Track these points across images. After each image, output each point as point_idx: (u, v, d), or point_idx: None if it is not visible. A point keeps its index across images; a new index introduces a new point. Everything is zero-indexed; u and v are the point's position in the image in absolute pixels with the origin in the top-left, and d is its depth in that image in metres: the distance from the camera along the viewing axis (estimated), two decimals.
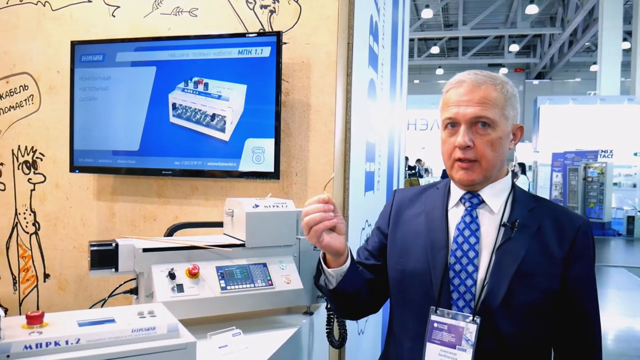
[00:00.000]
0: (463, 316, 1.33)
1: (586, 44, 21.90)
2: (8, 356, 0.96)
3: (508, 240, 1.34)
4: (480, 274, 1.34)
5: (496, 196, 1.41)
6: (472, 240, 1.37)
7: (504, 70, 28.14)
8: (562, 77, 28.43)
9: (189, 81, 2.27)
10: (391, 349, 1.51)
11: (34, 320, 1.04)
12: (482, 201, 1.40)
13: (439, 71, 27.01)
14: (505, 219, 1.37)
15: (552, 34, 22.69)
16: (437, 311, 1.36)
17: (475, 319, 1.31)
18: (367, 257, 1.58)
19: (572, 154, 14.41)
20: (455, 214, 1.43)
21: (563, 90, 26.86)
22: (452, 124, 1.37)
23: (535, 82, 28.53)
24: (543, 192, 15.79)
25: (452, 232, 1.40)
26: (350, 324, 2.54)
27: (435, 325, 1.35)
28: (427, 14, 19.31)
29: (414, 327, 1.41)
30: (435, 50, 24.80)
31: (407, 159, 14.85)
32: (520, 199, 1.41)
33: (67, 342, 1.01)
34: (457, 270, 1.36)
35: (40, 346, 0.99)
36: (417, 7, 20.18)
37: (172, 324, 1.11)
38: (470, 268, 1.35)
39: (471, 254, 1.36)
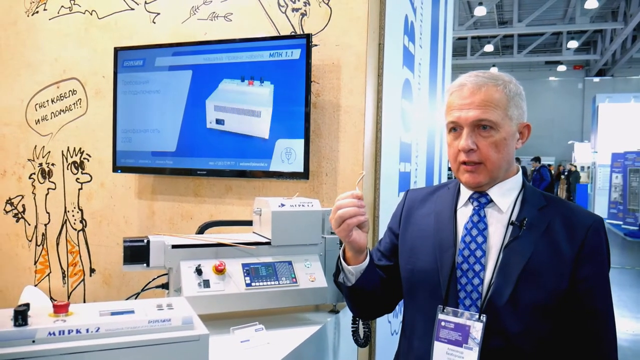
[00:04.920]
0: (470, 315, 1.33)
1: None
2: (33, 341, 1.03)
3: (515, 239, 1.33)
4: (488, 273, 1.34)
5: (505, 195, 1.40)
6: (480, 239, 1.36)
7: (562, 68, 27.17)
8: (624, 73, 27.14)
9: (220, 85, 2.34)
10: (402, 348, 1.52)
11: (60, 309, 1.12)
12: (491, 200, 1.40)
13: (494, 70, 26.30)
14: (513, 218, 1.36)
15: (614, 29, 21.65)
16: (444, 310, 1.36)
17: (481, 317, 1.31)
18: (380, 258, 1.59)
19: (634, 154, 13.73)
20: (464, 214, 1.43)
21: (626, 87, 25.64)
22: (455, 128, 1.38)
23: (596, 79, 27.37)
24: (602, 194, 15.16)
25: (461, 231, 1.40)
26: (383, 325, 2.55)
27: (443, 324, 1.36)
28: (480, 11, 18.86)
29: (422, 325, 1.42)
30: (489, 48, 24.21)
31: None
32: (530, 198, 1.40)
33: (87, 330, 1.08)
34: (464, 269, 1.36)
35: (63, 333, 1.06)
36: (470, 5, 19.76)
37: (187, 317, 1.17)
38: (477, 267, 1.34)
39: (478, 253, 1.35)
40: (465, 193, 1.45)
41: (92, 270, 2.80)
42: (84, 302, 2.78)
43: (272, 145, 2.27)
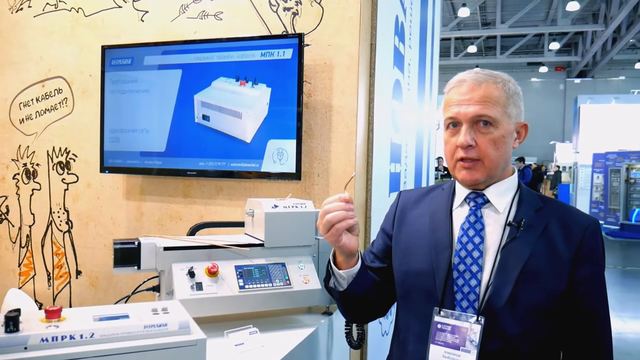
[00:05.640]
0: (467, 317, 1.31)
1: (631, 40, 21.16)
2: (26, 348, 1.00)
3: (513, 240, 1.32)
4: (485, 274, 1.32)
5: (501, 196, 1.38)
6: (477, 240, 1.35)
7: (543, 69, 27.48)
8: (605, 75, 27.55)
9: (213, 83, 2.31)
10: (395, 351, 1.50)
11: (52, 314, 1.09)
12: (487, 201, 1.38)
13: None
14: (510, 219, 1.35)
15: (595, 31, 21.97)
16: (441, 312, 1.34)
17: (479, 319, 1.29)
18: (373, 259, 1.57)
19: (614, 154, 13.93)
20: (460, 214, 1.41)
21: (606, 88, 26.02)
22: (453, 124, 1.36)
23: (577, 80, 27.74)
24: (583, 194, 15.35)
25: (457, 232, 1.39)
26: (373, 326, 2.54)
27: (439, 326, 1.33)
28: (464, 12, 19.00)
29: (417, 328, 1.39)
30: (472, 49, 24.40)
31: (441, 159, 14.65)
32: (526, 199, 1.39)
33: (81, 336, 1.05)
34: (461, 270, 1.34)
35: (56, 339, 1.03)
36: (454, 6, 19.89)
37: (184, 321, 1.14)
38: (474, 268, 1.33)
39: (475, 254, 1.34)
40: (460, 193, 1.43)
41: (78, 273, 2.75)
42: (70, 305, 2.73)
43: (263, 145, 2.25)
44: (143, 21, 2.58)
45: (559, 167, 19.97)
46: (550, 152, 23.59)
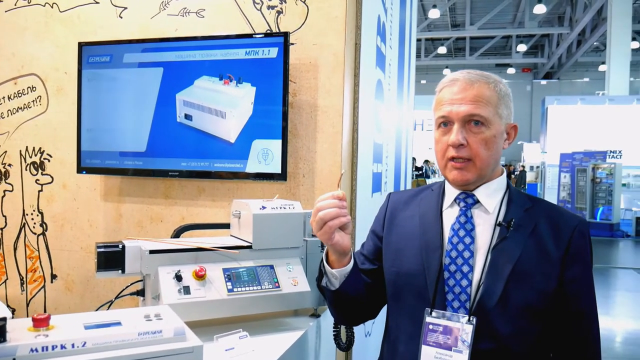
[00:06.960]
0: (459, 317, 1.31)
1: (595, 43, 21.76)
2: (14, 359, 0.95)
3: (504, 240, 1.32)
4: (476, 274, 1.32)
5: (491, 196, 1.39)
6: (467, 240, 1.35)
7: (511, 71, 28.02)
8: (570, 77, 28.28)
9: (196, 82, 2.26)
10: (386, 352, 1.50)
11: (41, 323, 1.04)
12: (477, 201, 1.39)
13: (446, 71, 26.86)
14: (500, 219, 1.36)
15: (560, 34, 22.58)
16: (432, 313, 1.34)
17: (471, 319, 1.29)
18: (363, 261, 1.56)
19: (581, 154, 14.31)
20: (450, 215, 1.41)
21: (571, 90, 26.71)
22: (445, 123, 1.36)
23: (543, 82, 28.39)
24: (551, 193, 15.70)
25: (447, 232, 1.39)
26: (358, 327, 2.53)
27: (430, 327, 1.33)
28: (434, 14, 19.27)
29: (408, 329, 1.39)
30: (442, 50, 24.73)
31: (414, 159, 14.80)
32: (515, 199, 1.40)
33: (73, 346, 1.01)
34: (452, 270, 1.34)
35: (46, 349, 0.98)
36: (424, 7, 20.12)
37: (179, 327, 1.11)
38: (465, 268, 1.33)
39: (466, 254, 1.34)
40: (450, 194, 1.43)
41: (53, 277, 2.66)
42: (45, 309, 2.63)
43: (248, 145, 2.21)
44: (121, 18, 2.51)
45: (524, 167, 20.43)
46: (517, 152, 24.07)
